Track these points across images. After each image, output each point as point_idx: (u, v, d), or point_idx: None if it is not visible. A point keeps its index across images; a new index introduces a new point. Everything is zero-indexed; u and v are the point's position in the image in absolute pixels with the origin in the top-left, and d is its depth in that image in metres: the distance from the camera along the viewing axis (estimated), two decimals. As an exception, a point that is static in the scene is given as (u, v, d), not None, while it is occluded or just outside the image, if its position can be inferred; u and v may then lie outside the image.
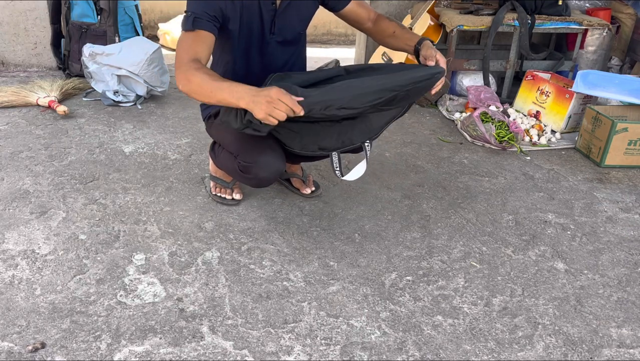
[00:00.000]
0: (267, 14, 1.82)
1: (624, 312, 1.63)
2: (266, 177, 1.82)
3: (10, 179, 2.19)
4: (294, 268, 1.75)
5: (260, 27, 1.84)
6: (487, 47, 3.16)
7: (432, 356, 1.43)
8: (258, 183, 1.86)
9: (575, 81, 2.82)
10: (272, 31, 1.86)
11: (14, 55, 3.53)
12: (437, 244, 1.91)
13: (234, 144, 1.92)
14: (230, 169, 1.96)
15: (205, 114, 2.08)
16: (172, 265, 1.73)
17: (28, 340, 1.41)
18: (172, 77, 3.49)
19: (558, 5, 3.18)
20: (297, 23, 1.90)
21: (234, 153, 1.90)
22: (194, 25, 1.70)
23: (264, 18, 1.82)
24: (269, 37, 1.86)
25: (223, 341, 1.44)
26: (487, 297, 1.66)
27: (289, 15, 1.86)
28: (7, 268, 1.67)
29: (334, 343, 1.45)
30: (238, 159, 1.86)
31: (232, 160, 1.91)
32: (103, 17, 3.23)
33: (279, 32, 1.87)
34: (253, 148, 1.81)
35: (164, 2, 4.76)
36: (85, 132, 2.66)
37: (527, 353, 1.46)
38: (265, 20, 1.83)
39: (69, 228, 1.89)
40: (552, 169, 2.54)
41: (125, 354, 1.38)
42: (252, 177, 1.83)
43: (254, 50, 1.88)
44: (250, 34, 1.84)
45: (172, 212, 2.01)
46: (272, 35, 1.86)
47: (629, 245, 1.97)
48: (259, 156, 1.79)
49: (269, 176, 1.81)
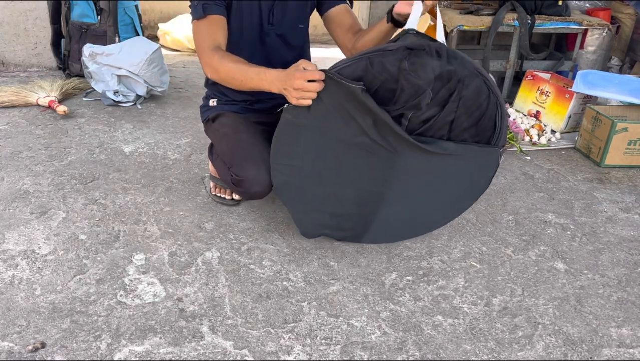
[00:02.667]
0: (265, 4, 1.82)
1: (624, 312, 1.63)
2: (259, 192, 1.78)
3: (10, 179, 2.19)
4: (294, 268, 1.75)
5: (259, 17, 1.84)
6: (487, 47, 3.16)
7: (432, 356, 1.43)
8: (251, 196, 1.82)
9: (575, 81, 2.82)
10: (271, 21, 1.85)
11: (14, 55, 3.53)
12: (437, 244, 1.91)
13: (227, 155, 1.89)
14: (225, 179, 1.96)
15: (205, 117, 2.07)
16: (172, 265, 1.73)
17: (28, 340, 1.41)
18: (172, 77, 3.50)
19: (558, 5, 3.18)
20: (295, 15, 1.89)
21: (227, 164, 1.88)
22: (205, 11, 1.70)
23: (262, 7, 1.83)
24: (268, 27, 1.86)
25: (223, 341, 1.44)
26: (487, 297, 1.66)
27: (288, 7, 1.86)
28: (7, 268, 1.67)
29: (334, 343, 1.45)
30: (231, 171, 1.84)
31: (226, 171, 1.90)
32: (103, 17, 3.23)
33: (277, 24, 1.86)
34: (246, 161, 1.78)
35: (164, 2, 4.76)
36: (85, 132, 2.66)
37: (527, 353, 1.46)
38: (264, 10, 1.83)
39: (69, 228, 1.89)
40: (552, 169, 2.54)
41: (125, 354, 1.38)
42: (244, 190, 1.81)
43: (254, 41, 1.88)
44: (250, 24, 1.84)
45: (172, 212, 2.01)
46: (271, 25, 1.86)
47: (629, 245, 1.97)
48: (252, 171, 1.75)
49: (262, 190, 1.77)
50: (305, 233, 1.83)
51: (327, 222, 1.78)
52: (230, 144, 1.89)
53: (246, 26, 1.84)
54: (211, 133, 2.04)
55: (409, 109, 1.52)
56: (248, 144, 1.84)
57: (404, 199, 1.73)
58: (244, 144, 1.85)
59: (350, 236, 1.84)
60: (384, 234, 1.85)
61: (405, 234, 1.90)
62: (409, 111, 1.52)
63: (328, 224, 1.79)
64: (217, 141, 1.99)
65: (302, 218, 1.79)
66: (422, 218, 1.84)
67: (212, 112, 2.03)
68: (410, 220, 1.83)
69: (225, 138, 1.93)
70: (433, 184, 1.72)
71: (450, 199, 1.80)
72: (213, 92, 2.05)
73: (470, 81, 1.53)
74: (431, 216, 1.85)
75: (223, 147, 1.93)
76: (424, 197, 1.75)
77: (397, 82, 1.48)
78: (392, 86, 1.49)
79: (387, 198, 1.70)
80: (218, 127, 1.98)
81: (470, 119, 1.59)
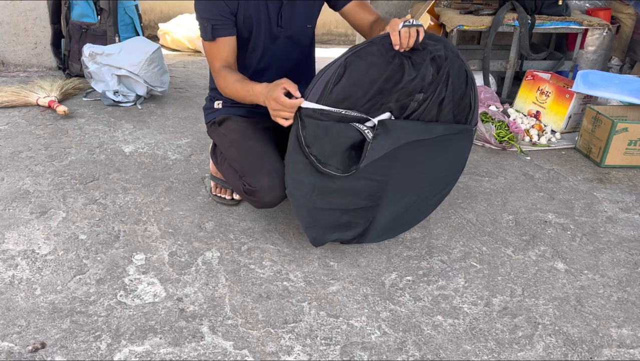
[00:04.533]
0: (273, 7, 1.82)
1: (624, 312, 1.63)
2: (271, 202, 1.78)
3: (10, 179, 2.19)
4: (294, 268, 1.75)
5: (267, 21, 1.84)
6: (487, 47, 3.16)
7: (432, 356, 1.43)
8: (262, 205, 1.80)
9: (575, 81, 2.82)
10: (280, 24, 1.85)
11: (14, 55, 3.53)
12: (437, 244, 1.91)
13: (238, 163, 1.88)
14: (235, 187, 1.93)
15: (209, 119, 2.04)
16: (172, 265, 1.73)
17: (28, 340, 1.41)
18: (172, 77, 3.50)
19: (558, 5, 3.18)
20: (303, 16, 1.89)
21: (239, 173, 1.87)
22: (214, 35, 1.78)
23: (270, 10, 1.83)
24: (277, 30, 1.86)
25: (223, 341, 1.44)
26: (487, 297, 1.66)
27: (296, 9, 1.86)
28: (7, 268, 1.67)
29: (334, 343, 1.45)
30: (243, 180, 1.82)
31: (236, 178, 1.88)
32: (103, 17, 3.23)
33: (286, 26, 1.86)
34: (259, 171, 1.77)
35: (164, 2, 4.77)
36: (85, 132, 2.66)
37: (527, 353, 1.46)
38: (272, 13, 1.83)
39: (69, 228, 1.89)
40: (552, 169, 2.54)
41: (125, 354, 1.38)
42: (257, 200, 1.80)
43: (264, 43, 1.88)
44: (260, 28, 1.84)
45: (172, 212, 2.01)
46: (280, 28, 1.86)
47: (629, 245, 1.97)
48: (265, 182, 1.74)
49: (274, 200, 1.77)
50: (316, 239, 1.79)
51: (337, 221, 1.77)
52: (241, 151, 1.87)
53: (256, 31, 1.84)
54: (217, 137, 2.01)
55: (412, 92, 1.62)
56: (259, 153, 1.83)
57: (401, 190, 1.79)
58: (256, 153, 1.83)
59: (358, 235, 1.83)
60: (385, 229, 1.86)
61: (402, 225, 1.91)
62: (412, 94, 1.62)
63: (339, 223, 1.78)
64: (224, 147, 1.96)
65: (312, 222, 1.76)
66: (414, 207, 1.87)
67: (218, 115, 2.00)
68: (406, 211, 1.85)
69: (234, 144, 1.91)
70: (422, 170, 1.79)
71: (435, 184, 1.86)
72: (218, 94, 2.01)
73: (454, 61, 1.66)
74: (421, 204, 1.89)
75: (232, 154, 1.91)
76: (416, 184, 1.82)
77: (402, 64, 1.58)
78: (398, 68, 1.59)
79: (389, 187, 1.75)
80: (225, 132, 1.96)
81: (455, 98, 1.71)
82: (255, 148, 1.85)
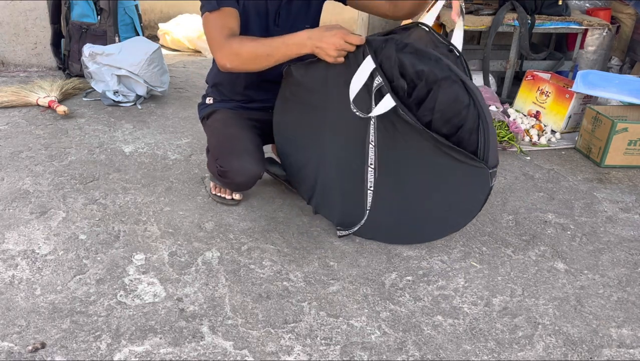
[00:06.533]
0: (271, 6, 1.82)
1: (624, 312, 1.63)
2: (243, 182, 1.84)
3: (10, 179, 2.19)
4: (294, 268, 1.75)
5: (265, 18, 1.84)
6: (487, 47, 3.16)
7: (432, 356, 1.43)
8: (237, 187, 1.88)
9: (575, 81, 2.82)
10: (277, 23, 1.85)
11: (14, 55, 3.53)
12: (437, 244, 1.91)
13: (216, 147, 1.95)
14: (213, 172, 1.99)
15: (202, 115, 2.12)
16: (172, 265, 1.73)
17: (28, 340, 1.41)
18: (172, 77, 3.50)
19: (558, 5, 3.18)
20: (302, 17, 1.88)
21: (214, 157, 1.93)
22: (219, 4, 1.70)
23: (269, 8, 1.83)
24: (274, 28, 1.86)
25: (223, 341, 1.44)
26: (487, 297, 1.66)
27: (294, 8, 1.85)
28: (7, 268, 1.67)
29: (334, 343, 1.45)
30: (216, 163, 1.88)
31: (213, 163, 1.95)
32: (103, 17, 3.23)
33: (283, 25, 1.86)
34: (231, 153, 1.83)
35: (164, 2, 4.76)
36: (85, 132, 2.66)
37: (527, 353, 1.46)
38: (270, 11, 1.83)
39: (69, 228, 1.89)
40: (552, 169, 2.54)
41: (125, 354, 1.38)
42: (230, 181, 1.87)
43: None
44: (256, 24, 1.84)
45: (172, 212, 2.02)
46: (276, 27, 1.86)
47: (629, 245, 1.97)
48: (235, 161, 1.81)
49: (247, 180, 1.84)
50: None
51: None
52: (219, 137, 1.95)
53: (252, 27, 1.84)
54: (207, 128, 2.09)
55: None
56: (235, 137, 1.89)
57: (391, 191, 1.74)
58: (231, 137, 1.89)
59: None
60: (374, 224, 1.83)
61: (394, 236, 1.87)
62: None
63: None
64: (209, 136, 2.05)
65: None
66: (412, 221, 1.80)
67: (208, 110, 2.08)
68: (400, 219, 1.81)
69: (215, 132, 1.99)
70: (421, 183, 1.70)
71: (440, 209, 1.75)
72: (211, 91, 2.11)
73: (447, 84, 1.53)
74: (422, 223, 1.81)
75: (212, 141, 1.99)
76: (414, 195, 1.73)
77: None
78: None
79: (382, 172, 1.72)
80: (211, 123, 2.05)
81: (447, 126, 1.57)
82: (232, 133, 1.91)
